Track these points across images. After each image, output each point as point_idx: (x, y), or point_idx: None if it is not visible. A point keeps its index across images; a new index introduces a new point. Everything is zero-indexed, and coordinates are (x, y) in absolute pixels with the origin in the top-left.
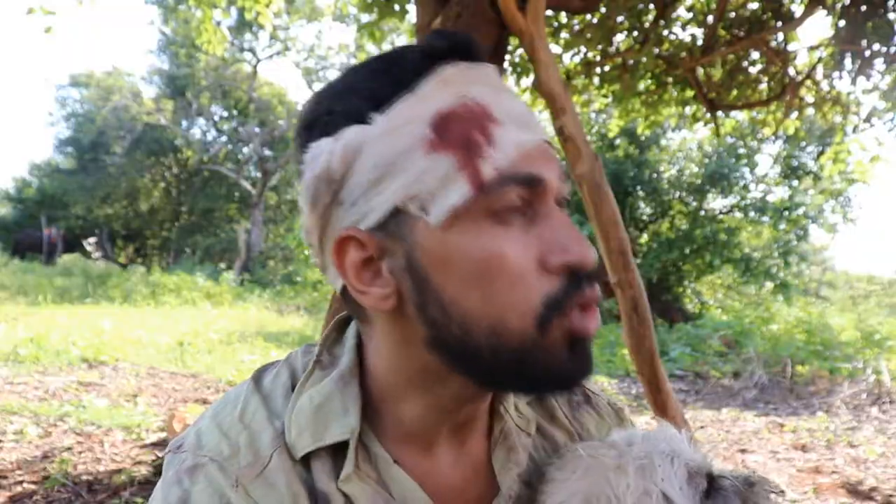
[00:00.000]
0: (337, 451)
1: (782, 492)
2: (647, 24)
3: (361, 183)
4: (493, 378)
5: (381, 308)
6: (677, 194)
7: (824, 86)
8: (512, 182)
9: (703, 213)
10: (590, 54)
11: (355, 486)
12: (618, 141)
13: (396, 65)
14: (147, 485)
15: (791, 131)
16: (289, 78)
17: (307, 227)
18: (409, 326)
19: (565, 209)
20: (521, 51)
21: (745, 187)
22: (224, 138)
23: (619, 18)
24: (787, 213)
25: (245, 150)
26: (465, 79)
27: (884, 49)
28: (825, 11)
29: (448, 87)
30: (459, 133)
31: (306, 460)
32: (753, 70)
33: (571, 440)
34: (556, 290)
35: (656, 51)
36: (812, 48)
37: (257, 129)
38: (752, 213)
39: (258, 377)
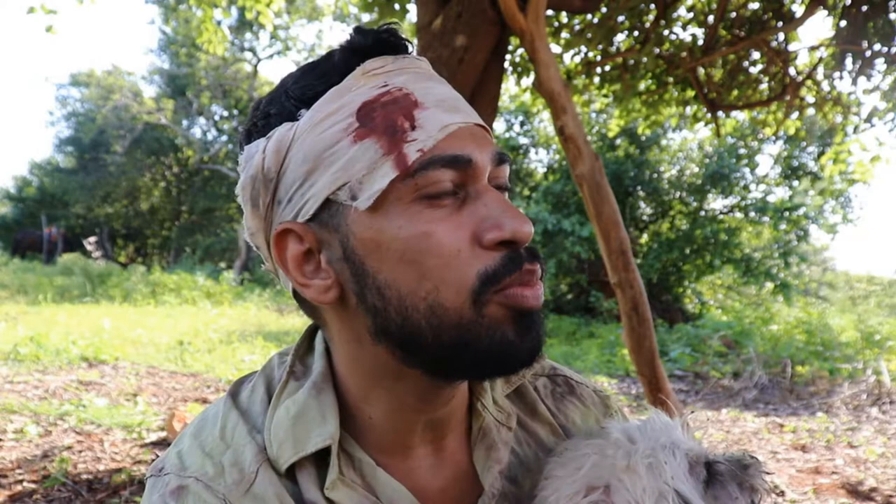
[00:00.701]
0: (320, 460)
1: (782, 492)
2: (647, 24)
3: (294, 178)
4: (440, 363)
5: (324, 300)
6: (678, 194)
7: (825, 86)
8: (438, 163)
9: (703, 213)
10: (590, 54)
11: (342, 492)
12: (618, 141)
13: (323, 64)
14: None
15: (791, 131)
16: None
17: (252, 230)
18: (355, 319)
19: (504, 192)
20: (521, 50)
21: (746, 187)
22: (224, 138)
23: (620, 18)
24: (787, 213)
25: None
26: (389, 69)
27: (884, 49)
28: (826, 11)
29: (372, 78)
30: (383, 119)
31: (291, 472)
32: (754, 70)
33: (555, 434)
34: (493, 265)
35: (657, 51)
36: (813, 48)
37: None
38: (752, 214)
39: (235, 392)
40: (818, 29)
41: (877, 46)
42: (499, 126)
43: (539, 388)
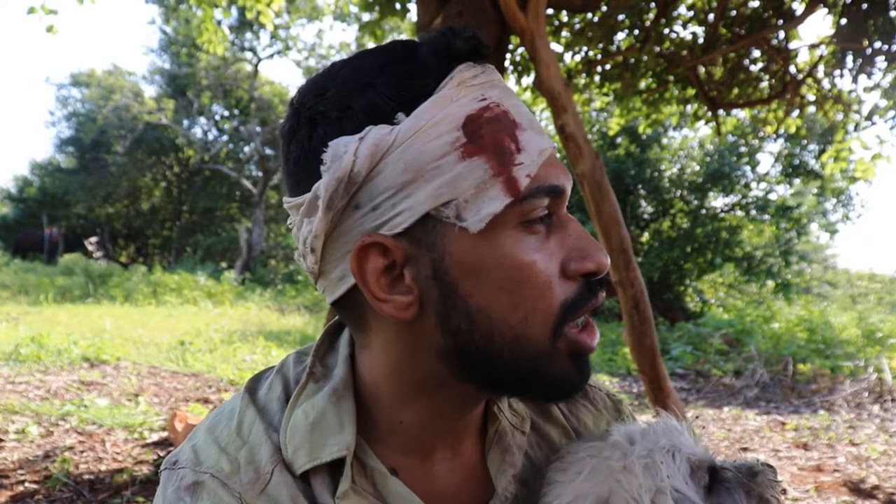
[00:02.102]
0: (334, 466)
1: (784, 490)
2: (648, 23)
3: (388, 186)
4: (504, 385)
5: (402, 317)
6: (678, 193)
7: (825, 84)
8: (542, 192)
9: (704, 211)
10: (591, 53)
11: (352, 501)
12: (619, 139)
13: (410, 62)
14: (148, 484)
15: (792, 129)
16: (290, 77)
17: (315, 231)
18: (423, 335)
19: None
20: (522, 49)
21: (747, 186)
22: (225, 137)
23: (620, 17)
24: (788, 211)
25: (246, 149)
26: (482, 81)
27: (885, 47)
28: (826, 9)
29: (469, 89)
30: (491, 138)
31: (305, 475)
32: (754, 68)
33: (567, 437)
34: (573, 295)
35: (657, 49)
36: (813, 46)
37: (258, 129)
38: (753, 212)
39: (252, 388)
40: (819, 27)
41: (877, 44)
42: None
43: None
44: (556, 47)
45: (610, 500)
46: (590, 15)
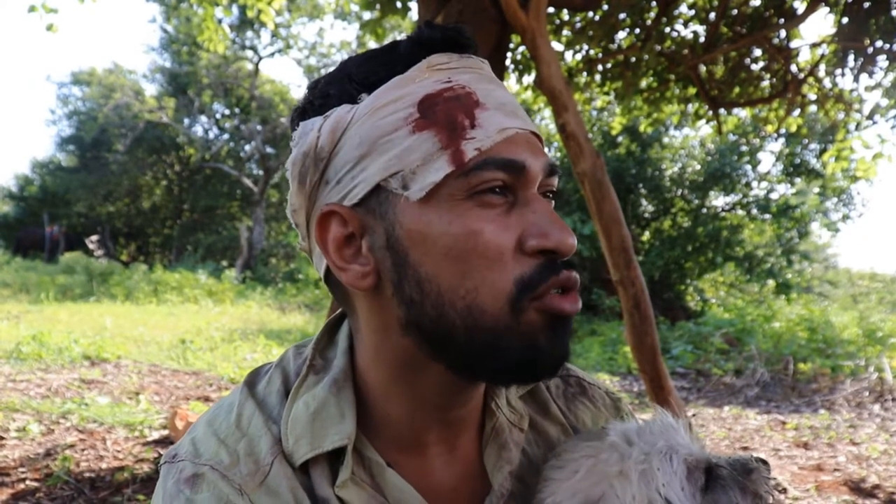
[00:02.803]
0: (333, 457)
1: (784, 490)
2: (649, 22)
3: (347, 160)
4: (468, 362)
5: (360, 286)
6: (679, 192)
7: (827, 83)
8: (492, 165)
9: (705, 210)
10: (592, 52)
11: (351, 491)
12: (620, 138)
13: (389, 53)
14: (149, 482)
15: (793, 129)
16: (291, 75)
17: (295, 206)
18: (387, 309)
19: (551, 201)
20: (522, 48)
21: (748, 185)
22: (226, 136)
23: (621, 16)
24: (789, 210)
25: (247, 147)
26: (454, 66)
27: (886, 46)
28: (827, 8)
29: (437, 72)
30: (444, 114)
31: (305, 466)
32: (756, 67)
33: (566, 434)
34: (530, 271)
35: (658, 48)
36: (814, 45)
37: (259, 127)
38: (754, 211)
39: (251, 382)
40: (820, 26)
41: (879, 43)
42: None
43: (551, 388)
44: (557, 46)
45: (598, 502)
46: (591, 13)
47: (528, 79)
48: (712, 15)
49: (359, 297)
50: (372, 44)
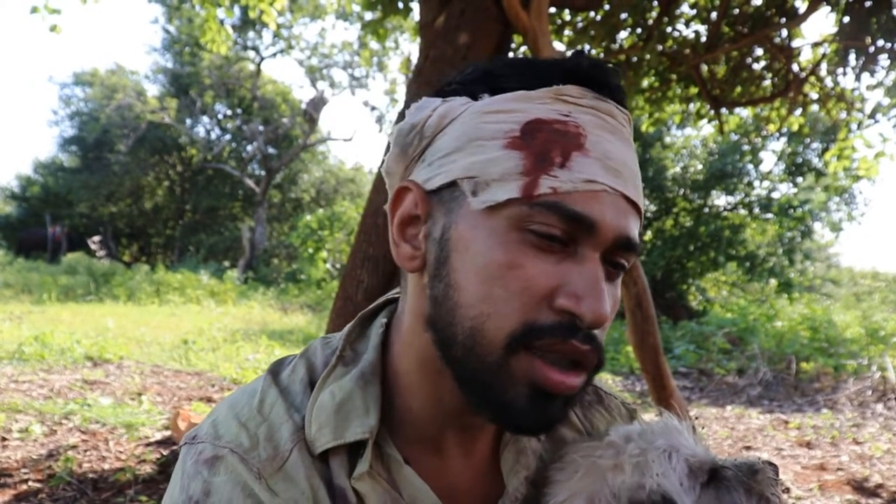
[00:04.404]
0: (353, 449)
1: (787, 489)
2: (650, 21)
3: (443, 148)
4: (463, 383)
5: (405, 266)
6: (681, 191)
7: (828, 82)
8: (559, 211)
9: (707, 210)
10: (593, 51)
11: (367, 484)
12: None
13: (530, 67)
14: (151, 483)
15: (795, 128)
16: (292, 76)
17: (390, 169)
18: (421, 296)
19: (617, 275)
20: (524, 48)
21: (750, 184)
22: (228, 136)
23: (623, 15)
24: (791, 210)
25: (249, 148)
26: (581, 103)
27: (888, 45)
28: (829, 7)
29: (561, 103)
30: (542, 143)
31: (324, 455)
32: (757, 66)
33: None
34: (546, 322)
35: (660, 48)
36: (816, 44)
37: (261, 127)
38: (756, 211)
39: (275, 371)
40: (821, 25)
41: (880, 42)
42: None
43: None
44: (559, 46)
45: (595, 498)
46: (592, 13)
47: None
48: (714, 14)
49: (411, 277)
50: (373, 44)
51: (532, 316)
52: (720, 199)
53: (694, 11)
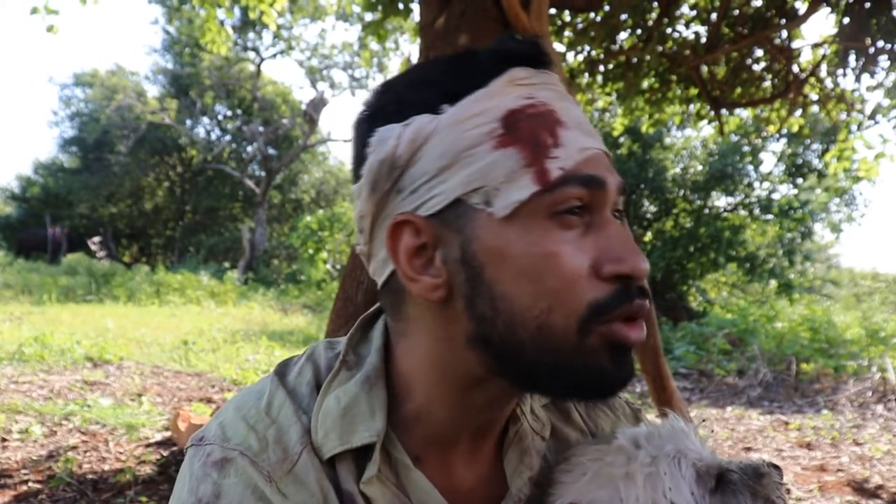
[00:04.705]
0: (361, 453)
1: (788, 490)
2: (650, 22)
3: (426, 171)
4: (532, 379)
5: (430, 298)
6: (681, 192)
7: (828, 83)
8: (575, 181)
9: (707, 211)
10: (593, 52)
11: (375, 488)
12: (622, 139)
13: (469, 63)
14: (151, 484)
15: (795, 129)
16: (292, 77)
17: (362, 212)
18: (454, 322)
19: (622, 220)
20: None
21: (750, 185)
22: (228, 137)
23: (623, 16)
24: (791, 211)
25: (249, 148)
26: (534, 82)
27: (888, 46)
28: (829, 8)
29: (518, 87)
30: (528, 131)
31: (331, 460)
32: (757, 67)
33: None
34: (604, 296)
35: (660, 49)
36: (816, 45)
37: (261, 128)
38: (756, 211)
39: (281, 372)
40: (821, 26)
41: (880, 43)
42: None
43: None
44: (559, 47)
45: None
46: (592, 14)
47: None
48: (714, 15)
49: (419, 307)
50: (374, 45)
51: (591, 294)
52: (720, 200)
53: (694, 12)
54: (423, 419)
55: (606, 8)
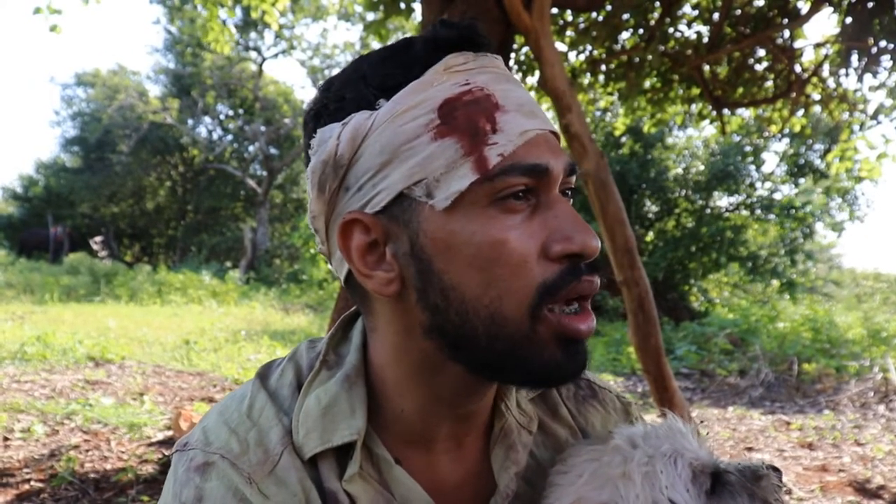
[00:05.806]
0: (342, 452)
1: (789, 490)
2: (652, 22)
3: (368, 167)
4: (489, 367)
5: (385, 293)
6: (683, 192)
7: (831, 83)
8: (516, 170)
9: (708, 211)
10: (595, 52)
11: (358, 486)
12: (623, 139)
13: (404, 53)
14: (153, 483)
15: (797, 129)
16: (294, 76)
17: (314, 213)
18: (410, 313)
19: (569, 199)
20: (526, 49)
21: (752, 185)
22: (230, 137)
23: (625, 16)
24: (793, 211)
25: (251, 148)
26: (470, 67)
27: (890, 46)
28: (831, 8)
29: (454, 74)
30: (465, 119)
31: (313, 459)
32: (759, 67)
33: (574, 437)
34: (553, 276)
35: (662, 48)
36: (818, 45)
37: (263, 128)
38: (758, 211)
39: (264, 374)
40: (824, 26)
41: (882, 43)
42: None
43: (562, 391)
44: (561, 47)
45: None
46: (594, 14)
47: (532, 79)
48: (716, 15)
49: (380, 301)
50: (376, 44)
51: (539, 277)
52: (722, 200)
53: (696, 12)
54: (399, 418)
55: (608, 7)
